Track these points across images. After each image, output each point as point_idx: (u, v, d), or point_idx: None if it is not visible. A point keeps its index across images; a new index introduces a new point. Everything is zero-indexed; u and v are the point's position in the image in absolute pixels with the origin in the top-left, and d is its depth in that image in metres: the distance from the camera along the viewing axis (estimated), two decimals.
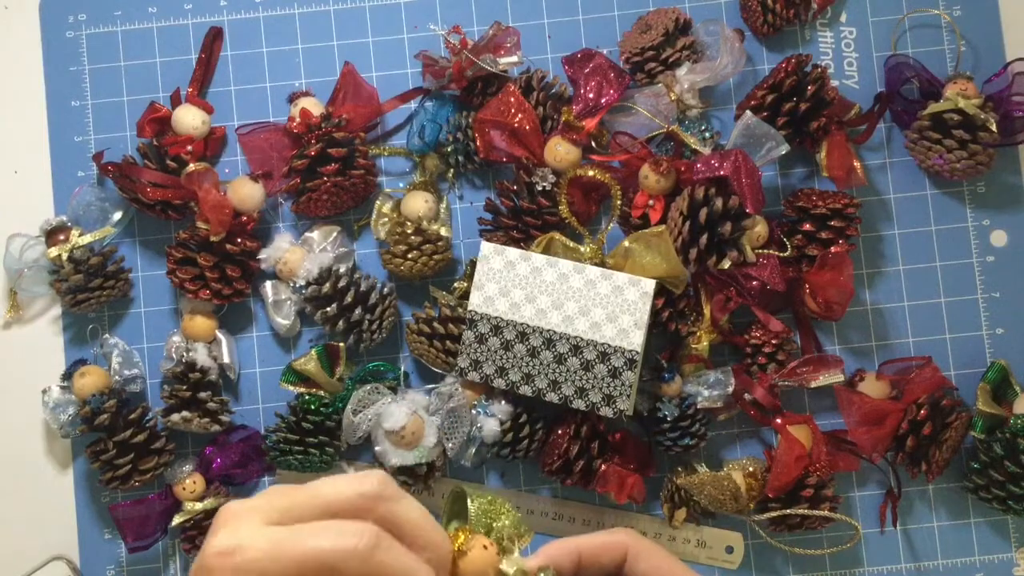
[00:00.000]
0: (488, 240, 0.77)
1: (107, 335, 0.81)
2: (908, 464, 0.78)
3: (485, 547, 0.42)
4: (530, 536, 0.45)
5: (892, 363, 0.79)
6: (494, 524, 0.44)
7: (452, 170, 0.82)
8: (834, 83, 0.81)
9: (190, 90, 0.82)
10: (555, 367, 0.74)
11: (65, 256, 0.79)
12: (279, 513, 0.37)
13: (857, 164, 0.79)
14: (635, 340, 0.73)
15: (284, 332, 0.81)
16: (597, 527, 0.79)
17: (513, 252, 0.75)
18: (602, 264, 0.76)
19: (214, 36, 0.83)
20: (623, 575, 0.44)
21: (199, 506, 0.78)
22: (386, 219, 0.80)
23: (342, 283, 0.78)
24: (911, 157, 0.81)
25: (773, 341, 0.77)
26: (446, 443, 0.76)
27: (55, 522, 0.81)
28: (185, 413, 0.77)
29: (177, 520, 0.78)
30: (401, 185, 0.82)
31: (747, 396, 0.77)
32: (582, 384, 0.73)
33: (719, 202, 0.72)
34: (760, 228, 0.77)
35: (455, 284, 0.80)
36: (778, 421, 0.77)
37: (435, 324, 0.77)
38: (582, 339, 0.73)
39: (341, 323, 0.77)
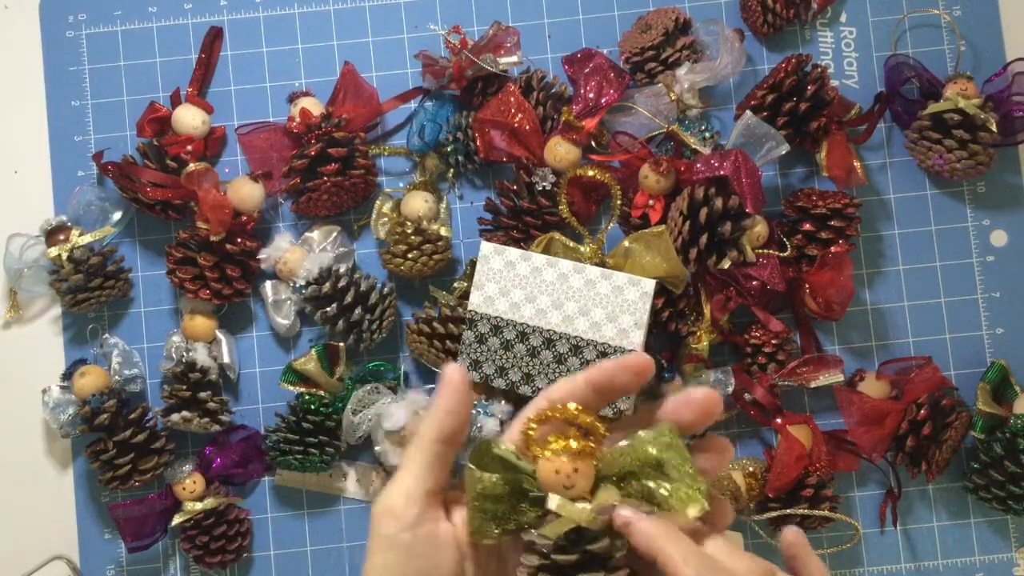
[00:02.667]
0: (488, 240, 0.77)
1: (107, 335, 0.81)
2: (908, 464, 0.78)
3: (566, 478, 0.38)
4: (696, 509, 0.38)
5: (892, 363, 0.79)
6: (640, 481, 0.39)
7: (452, 170, 0.82)
8: (834, 83, 0.81)
9: (190, 90, 0.82)
10: (555, 367, 0.74)
11: (65, 256, 0.79)
12: None
13: (857, 164, 0.79)
14: (635, 340, 0.73)
15: (284, 332, 0.81)
16: None
17: (513, 252, 0.75)
18: (602, 264, 0.76)
19: (214, 36, 0.83)
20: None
21: (199, 506, 0.78)
22: (386, 219, 0.80)
23: (342, 283, 0.78)
24: (911, 157, 0.81)
25: (773, 341, 0.77)
26: None
27: (55, 522, 0.81)
28: (185, 413, 0.77)
29: (177, 520, 0.78)
30: (401, 185, 0.82)
31: (747, 396, 0.77)
32: None
33: (719, 202, 0.72)
34: (760, 228, 0.77)
35: (455, 284, 0.80)
36: (778, 421, 0.77)
37: (435, 324, 0.77)
38: (582, 339, 0.73)
39: (341, 323, 0.77)
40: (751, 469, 0.77)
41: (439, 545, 0.42)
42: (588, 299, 0.73)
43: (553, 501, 0.39)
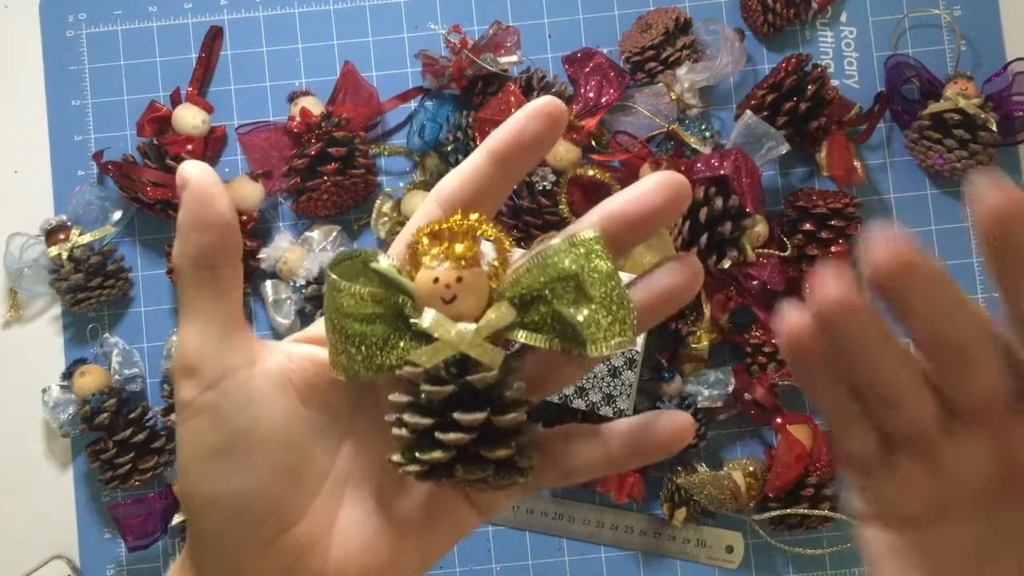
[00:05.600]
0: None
1: (107, 334, 0.81)
2: None
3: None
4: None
5: None
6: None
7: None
8: (834, 83, 0.81)
9: (190, 89, 0.82)
10: None
11: (65, 255, 0.79)
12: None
13: (857, 164, 0.79)
14: (636, 340, 0.72)
15: (284, 332, 0.81)
16: (597, 527, 0.79)
17: (513, 252, 0.75)
18: None
19: (214, 35, 0.83)
20: None
21: None
22: (386, 219, 0.80)
23: None
24: (911, 157, 0.81)
25: (773, 341, 0.77)
26: None
27: (55, 522, 0.81)
28: None
29: (177, 520, 0.78)
30: (401, 185, 0.82)
31: (747, 396, 0.77)
32: (582, 383, 0.73)
33: (719, 202, 0.72)
34: (760, 228, 0.77)
35: None
36: (778, 421, 0.77)
37: None
38: None
39: None
40: (751, 469, 0.77)
41: (258, 395, 0.34)
42: None
43: (427, 316, 0.30)
